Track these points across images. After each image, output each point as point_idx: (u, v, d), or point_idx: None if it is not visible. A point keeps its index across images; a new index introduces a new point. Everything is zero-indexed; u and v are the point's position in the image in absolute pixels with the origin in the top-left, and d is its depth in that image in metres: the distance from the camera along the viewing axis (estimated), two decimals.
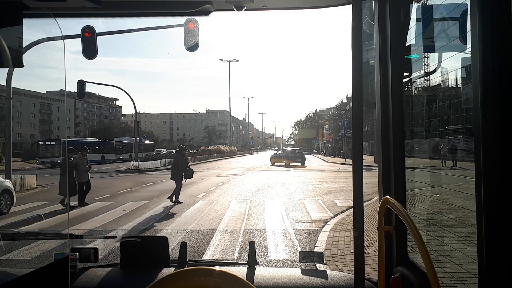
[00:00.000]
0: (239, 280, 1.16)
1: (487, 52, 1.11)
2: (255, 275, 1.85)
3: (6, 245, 6.63)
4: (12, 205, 11.28)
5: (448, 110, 10.33)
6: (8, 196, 11.10)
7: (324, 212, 10.61)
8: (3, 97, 14.18)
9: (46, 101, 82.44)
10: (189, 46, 7.45)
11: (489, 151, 1.11)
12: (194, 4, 1.79)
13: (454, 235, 5.79)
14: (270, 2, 1.83)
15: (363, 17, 1.66)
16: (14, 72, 13.25)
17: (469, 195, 6.33)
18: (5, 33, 1.60)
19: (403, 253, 1.67)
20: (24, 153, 48.72)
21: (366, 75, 1.85)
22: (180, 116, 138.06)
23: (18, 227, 9.16)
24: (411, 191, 5.17)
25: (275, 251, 6.73)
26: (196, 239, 7.63)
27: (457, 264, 4.86)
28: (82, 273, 1.90)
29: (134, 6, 1.88)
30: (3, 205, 10.86)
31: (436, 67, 2.49)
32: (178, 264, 2.00)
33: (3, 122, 18.06)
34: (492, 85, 1.10)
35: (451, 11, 2.02)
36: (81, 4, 1.70)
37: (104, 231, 8.58)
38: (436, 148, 13.89)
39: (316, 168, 30.99)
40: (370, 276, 1.90)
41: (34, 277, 1.37)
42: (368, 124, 29.45)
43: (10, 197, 11.23)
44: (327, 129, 72.00)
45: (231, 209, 11.06)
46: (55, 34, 3.12)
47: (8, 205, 11.10)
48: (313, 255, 2.15)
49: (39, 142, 40.51)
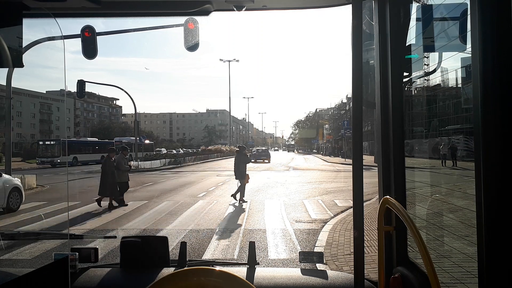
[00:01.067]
0: (239, 280, 1.16)
1: (487, 52, 1.11)
2: (255, 275, 1.85)
3: (6, 245, 6.63)
4: (21, 202, 11.60)
5: (448, 110, 10.33)
6: (17, 194, 11.47)
7: (324, 212, 10.61)
8: (3, 97, 14.17)
9: (46, 101, 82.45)
10: (189, 46, 7.44)
11: (489, 151, 1.11)
12: (194, 4, 1.79)
13: (454, 235, 5.79)
14: (270, 2, 1.83)
15: (363, 17, 1.66)
16: (14, 72, 13.24)
17: (469, 195, 6.34)
18: (5, 33, 1.60)
19: (403, 253, 1.67)
20: (24, 153, 48.77)
21: (366, 75, 1.85)
22: (180, 116, 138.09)
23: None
24: (411, 191, 5.18)
25: (275, 251, 6.73)
26: (196, 239, 7.63)
27: (457, 264, 4.86)
28: (82, 273, 1.90)
29: (134, 6, 1.88)
30: (13, 202, 11.24)
31: (436, 67, 2.49)
32: (178, 264, 2.00)
33: (3, 122, 18.06)
34: (492, 85, 1.10)
35: (451, 11, 2.02)
36: (81, 4, 1.70)
37: (104, 231, 8.58)
38: (436, 148, 13.90)
39: (316, 168, 31.01)
40: (370, 276, 1.90)
41: (34, 277, 1.37)
42: (368, 124, 29.49)
43: (19, 195, 11.58)
44: (327, 129, 72.04)
45: (231, 209, 11.06)
46: (55, 34, 3.08)
47: (18, 202, 11.47)
48: (313, 255, 2.15)
49: (39, 142, 40.52)
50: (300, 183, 18.45)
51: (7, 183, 11.18)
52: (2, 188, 10.90)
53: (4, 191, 10.95)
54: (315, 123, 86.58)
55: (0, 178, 11.13)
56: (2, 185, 10.97)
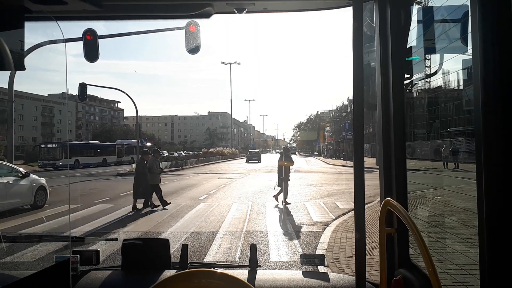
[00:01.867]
0: (241, 283, 1.15)
1: (488, 53, 1.11)
2: (256, 277, 1.85)
3: (7, 248, 6.64)
4: (46, 200, 12.65)
5: (450, 112, 10.31)
6: (43, 192, 12.56)
7: (326, 214, 10.59)
8: (5, 100, 14.25)
9: (48, 103, 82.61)
10: (190, 49, 7.47)
11: (490, 153, 1.11)
12: (195, 7, 1.79)
13: (456, 237, 5.77)
14: (271, 5, 1.83)
15: (363, 19, 1.67)
16: (16, 75, 13.28)
17: (470, 197, 6.31)
18: (7, 36, 1.61)
19: (405, 255, 1.66)
20: (26, 156, 48.78)
21: (367, 77, 1.85)
22: (182, 119, 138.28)
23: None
24: (412, 193, 5.16)
25: (276, 254, 6.72)
26: (198, 242, 7.62)
27: (459, 267, 4.84)
28: (84, 275, 1.90)
29: (135, 9, 1.89)
30: (39, 200, 12.32)
31: (437, 68, 2.49)
32: (179, 267, 1.99)
33: (5, 125, 18.12)
34: (493, 87, 1.10)
35: (452, 12, 2.02)
36: (82, 7, 1.71)
37: (106, 234, 8.58)
38: (437, 150, 13.86)
39: (317, 170, 30.97)
40: (372, 278, 1.89)
41: (36, 280, 1.37)
42: (370, 126, 29.42)
43: (45, 193, 12.66)
44: (328, 131, 71.91)
45: (232, 212, 11.05)
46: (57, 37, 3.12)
47: (43, 199, 12.55)
48: (314, 258, 2.15)
49: (41, 144, 40.62)
50: (301, 186, 18.42)
51: (34, 182, 12.22)
52: (30, 187, 11.96)
53: (32, 190, 12.01)
54: (316, 125, 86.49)
55: (28, 177, 12.06)
56: (30, 184, 11.98)
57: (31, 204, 12.01)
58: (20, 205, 11.75)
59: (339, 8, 1.82)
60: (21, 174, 11.94)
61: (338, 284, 1.79)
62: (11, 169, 12.07)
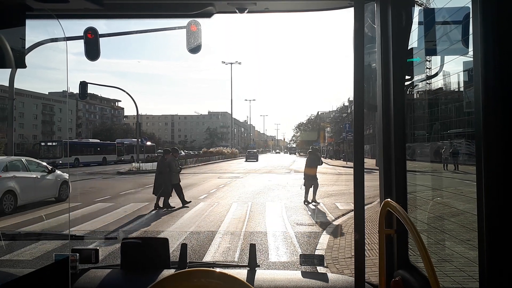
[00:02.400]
0: (240, 282, 1.15)
1: (489, 55, 1.11)
2: (255, 277, 1.85)
3: (7, 246, 6.64)
4: (69, 193, 13.83)
5: (450, 114, 10.30)
6: (66, 187, 13.59)
7: (325, 214, 10.59)
8: (6, 98, 14.30)
9: (49, 102, 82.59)
10: (191, 48, 7.45)
11: (490, 155, 1.11)
12: (197, 6, 1.79)
13: (456, 238, 5.76)
14: (272, 5, 1.83)
15: (365, 20, 1.67)
16: (16, 73, 13.29)
17: (470, 199, 6.31)
18: (8, 34, 1.61)
19: (404, 256, 1.66)
20: (26, 154, 48.75)
21: (368, 78, 1.85)
22: (182, 118, 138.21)
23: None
24: (412, 194, 5.15)
25: (275, 254, 6.72)
26: (197, 241, 7.62)
27: (458, 268, 4.84)
28: (83, 274, 1.90)
29: (136, 8, 1.89)
30: (63, 193, 13.29)
31: (438, 70, 2.49)
32: (178, 266, 2.00)
33: (5, 122, 18.13)
34: (494, 88, 1.10)
35: (453, 14, 2.02)
36: (83, 6, 1.71)
37: (105, 232, 8.58)
38: (437, 151, 13.85)
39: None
40: (371, 279, 1.89)
41: (35, 278, 1.37)
42: (370, 127, 29.41)
43: (67, 187, 13.81)
44: (328, 131, 71.86)
45: (232, 211, 11.05)
46: (58, 36, 3.13)
47: (66, 193, 13.58)
48: (313, 258, 2.15)
49: (41, 143, 40.59)
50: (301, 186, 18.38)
51: (59, 177, 13.25)
52: (55, 181, 13.00)
53: (57, 184, 13.03)
54: (316, 126, 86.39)
55: (54, 173, 13.02)
56: (55, 179, 13.02)
57: (55, 197, 12.91)
58: (47, 198, 12.67)
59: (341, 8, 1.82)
60: (47, 170, 12.83)
61: (337, 285, 1.79)
62: (38, 165, 12.98)
